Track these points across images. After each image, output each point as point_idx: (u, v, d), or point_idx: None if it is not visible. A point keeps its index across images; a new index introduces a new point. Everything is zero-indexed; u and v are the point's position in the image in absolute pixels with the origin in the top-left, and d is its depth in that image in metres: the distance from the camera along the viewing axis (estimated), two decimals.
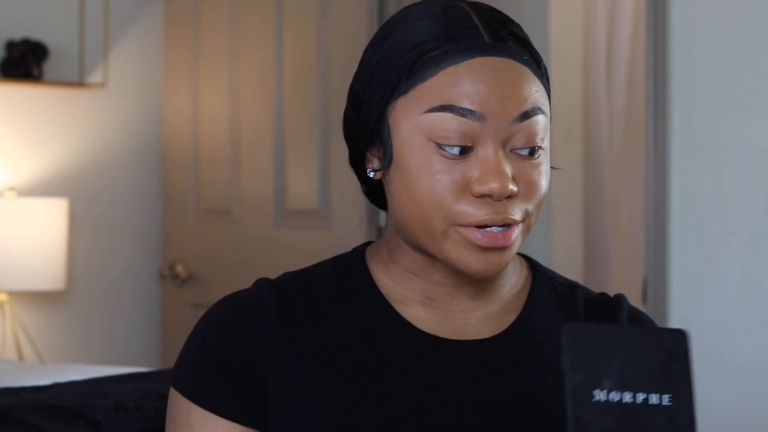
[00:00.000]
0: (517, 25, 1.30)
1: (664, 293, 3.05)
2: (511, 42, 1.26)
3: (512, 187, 1.23)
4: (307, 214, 3.68)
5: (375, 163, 1.30)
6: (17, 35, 3.98)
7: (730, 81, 3.01)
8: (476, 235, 1.23)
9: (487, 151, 1.23)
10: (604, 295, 1.40)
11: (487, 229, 1.23)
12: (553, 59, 3.78)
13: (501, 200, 1.23)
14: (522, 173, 1.25)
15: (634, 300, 2.24)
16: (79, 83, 4.09)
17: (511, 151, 1.25)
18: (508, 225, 1.24)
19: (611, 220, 4.49)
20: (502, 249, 1.24)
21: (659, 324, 2.20)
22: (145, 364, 4.10)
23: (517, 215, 1.24)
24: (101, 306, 4.19)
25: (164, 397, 2.15)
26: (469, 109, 1.23)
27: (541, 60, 1.30)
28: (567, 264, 3.82)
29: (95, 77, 4.13)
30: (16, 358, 3.85)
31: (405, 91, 1.26)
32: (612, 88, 4.50)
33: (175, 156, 4.10)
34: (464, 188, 1.23)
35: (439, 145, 1.23)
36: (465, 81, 1.23)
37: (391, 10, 3.41)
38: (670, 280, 3.06)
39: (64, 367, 2.88)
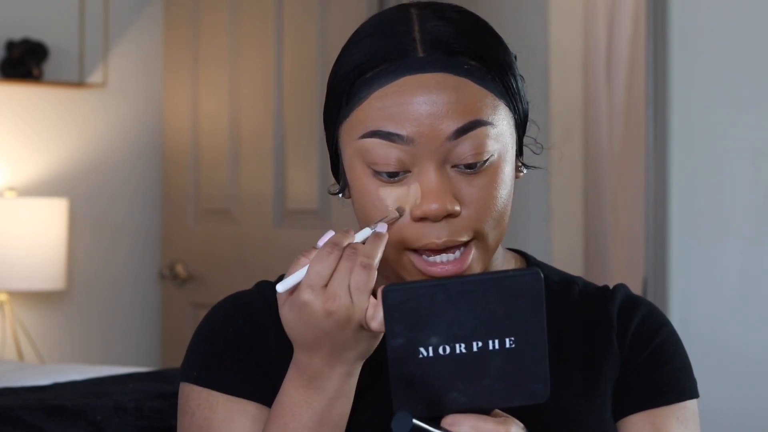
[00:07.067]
0: (472, 25, 1.25)
1: (664, 293, 3.05)
2: (449, 53, 1.21)
3: (451, 207, 1.20)
4: (307, 214, 3.68)
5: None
6: (17, 35, 3.98)
7: (730, 81, 3.01)
8: (427, 269, 1.22)
9: (423, 172, 1.20)
10: (603, 288, 1.38)
11: (437, 258, 1.21)
12: (553, 59, 3.78)
13: (441, 221, 1.20)
14: (468, 189, 1.21)
15: None
16: (79, 83, 4.09)
17: (453, 167, 1.21)
18: (454, 247, 1.21)
19: (611, 220, 4.49)
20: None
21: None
22: (145, 364, 4.10)
23: (464, 236, 1.21)
24: (101, 306, 4.19)
25: (164, 397, 2.15)
26: (396, 133, 1.20)
27: (498, 63, 1.23)
28: (567, 264, 3.82)
29: (95, 77, 4.13)
30: (16, 358, 3.85)
31: (346, 116, 1.24)
32: (612, 88, 4.50)
33: (175, 156, 4.10)
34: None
35: (375, 171, 1.21)
36: (392, 103, 1.20)
37: None
38: (670, 280, 3.06)
39: (64, 367, 2.88)
